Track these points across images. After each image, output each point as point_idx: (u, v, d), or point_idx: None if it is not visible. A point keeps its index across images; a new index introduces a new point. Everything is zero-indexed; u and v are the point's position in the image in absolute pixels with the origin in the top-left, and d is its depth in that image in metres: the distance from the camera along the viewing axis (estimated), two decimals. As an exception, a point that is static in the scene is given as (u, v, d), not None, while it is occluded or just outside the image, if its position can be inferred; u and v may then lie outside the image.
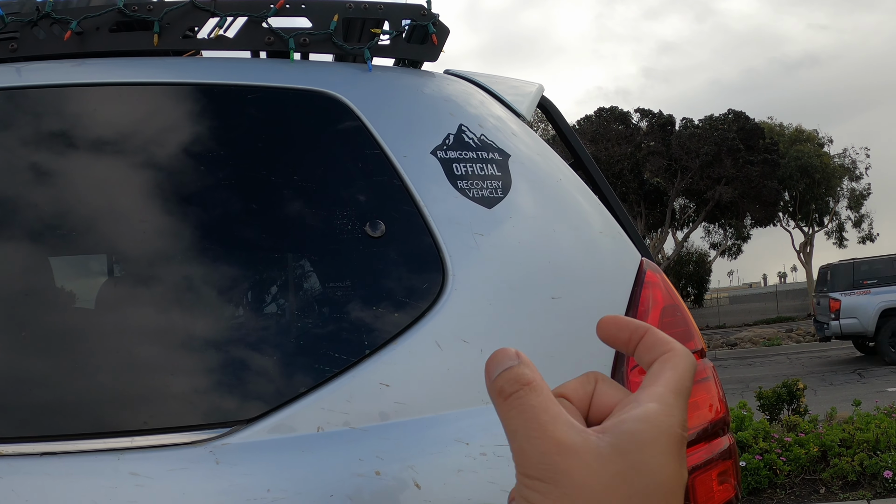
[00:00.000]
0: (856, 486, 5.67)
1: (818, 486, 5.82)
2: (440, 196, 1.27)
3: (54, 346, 1.18)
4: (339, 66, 1.48)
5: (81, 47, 1.37)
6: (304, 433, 1.10)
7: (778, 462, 5.91)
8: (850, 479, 5.71)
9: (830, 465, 5.86)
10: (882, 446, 5.87)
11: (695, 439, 1.26)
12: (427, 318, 1.19)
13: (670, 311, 1.34)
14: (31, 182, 1.25)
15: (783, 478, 5.90)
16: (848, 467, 5.72)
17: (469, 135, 1.36)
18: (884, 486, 5.55)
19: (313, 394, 1.13)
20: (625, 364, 1.25)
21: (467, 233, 1.26)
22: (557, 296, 1.27)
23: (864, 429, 6.17)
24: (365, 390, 1.14)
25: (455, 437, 1.13)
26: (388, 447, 1.10)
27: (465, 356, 1.19)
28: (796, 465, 5.93)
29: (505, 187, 1.32)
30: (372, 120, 1.32)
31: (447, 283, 1.22)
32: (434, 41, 1.48)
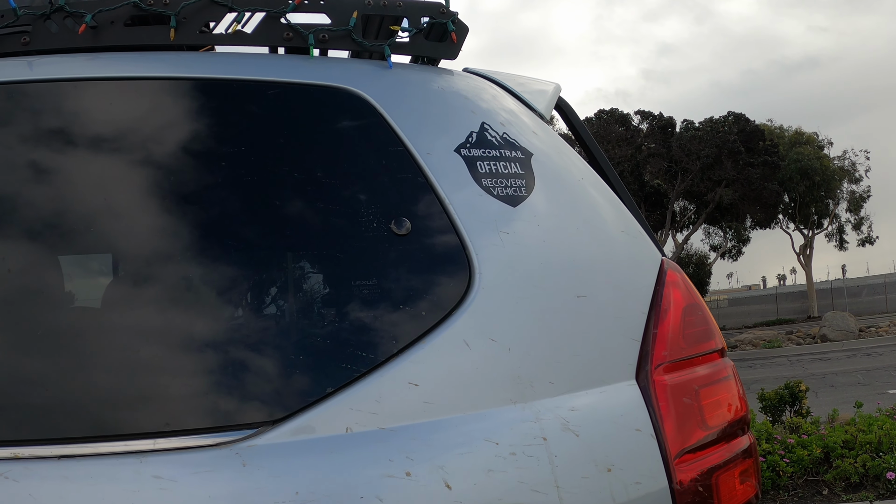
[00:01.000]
0: (859, 488, 5.66)
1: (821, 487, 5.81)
2: (465, 194, 1.27)
3: (74, 347, 1.15)
4: (360, 62, 1.47)
5: (95, 41, 1.35)
6: (332, 434, 1.09)
7: (781, 464, 5.90)
8: (853, 480, 5.69)
9: (833, 467, 5.84)
10: (885, 448, 5.86)
11: (716, 438, 1.26)
12: (455, 317, 1.18)
13: (691, 311, 1.34)
14: (41, 178, 1.22)
15: (786, 479, 5.88)
16: (851, 469, 5.70)
17: (492, 133, 1.35)
18: (887, 488, 5.54)
19: (341, 394, 1.11)
20: (649, 363, 1.26)
21: (493, 231, 1.25)
22: (582, 294, 1.27)
23: (867, 430, 6.16)
24: (393, 390, 1.12)
25: (484, 436, 1.13)
26: (417, 447, 1.09)
27: (494, 355, 1.18)
28: (799, 467, 5.91)
29: (528, 186, 1.32)
30: (394, 117, 1.31)
31: (474, 282, 1.21)
32: (454, 39, 1.47)
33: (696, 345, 1.32)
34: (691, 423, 1.25)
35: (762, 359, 18.94)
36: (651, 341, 1.28)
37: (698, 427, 1.25)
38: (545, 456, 1.13)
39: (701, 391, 1.27)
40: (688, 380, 1.27)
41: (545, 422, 1.16)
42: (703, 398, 1.27)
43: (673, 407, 1.24)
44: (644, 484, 1.18)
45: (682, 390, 1.26)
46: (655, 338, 1.28)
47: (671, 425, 1.22)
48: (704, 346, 1.33)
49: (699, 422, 1.25)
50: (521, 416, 1.16)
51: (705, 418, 1.26)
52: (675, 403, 1.24)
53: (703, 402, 1.26)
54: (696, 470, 1.22)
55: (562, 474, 1.12)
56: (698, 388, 1.27)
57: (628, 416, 1.22)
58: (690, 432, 1.24)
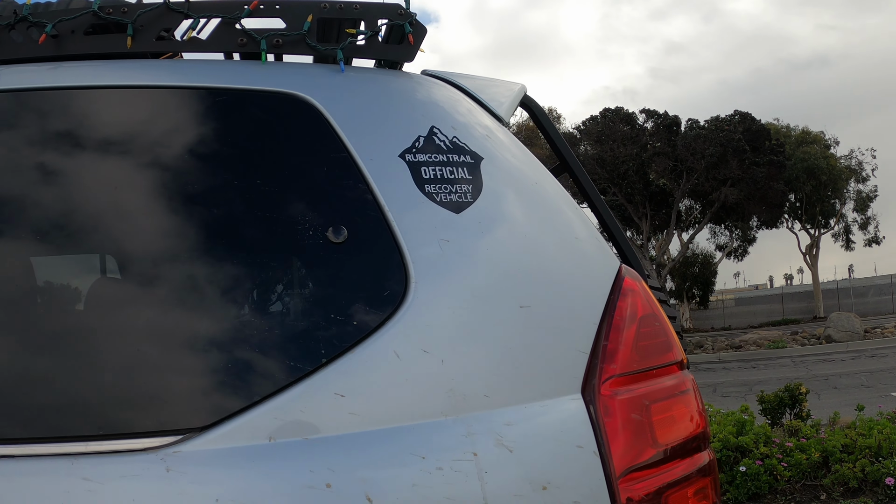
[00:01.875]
0: (857, 493, 5.60)
1: (819, 492, 5.76)
2: (406, 200, 1.24)
3: (8, 349, 1.17)
4: (312, 67, 1.45)
5: (57, 50, 1.36)
6: (256, 443, 1.09)
7: (779, 467, 5.85)
8: (852, 485, 5.64)
9: (832, 471, 5.79)
10: (885, 452, 5.79)
11: (668, 456, 1.21)
12: (386, 327, 1.16)
13: (648, 321, 1.29)
14: (3, 183, 1.24)
15: (784, 483, 5.83)
16: (849, 473, 5.64)
17: (440, 137, 1.32)
18: (886, 493, 5.47)
19: (267, 403, 1.11)
20: (597, 376, 1.21)
21: (432, 239, 1.22)
22: (526, 304, 1.22)
23: (867, 434, 6.09)
24: (319, 400, 1.12)
25: (411, 450, 1.11)
26: (340, 459, 1.09)
27: (425, 366, 1.15)
28: (797, 471, 5.85)
29: (475, 191, 1.28)
30: (340, 122, 1.29)
31: (409, 291, 1.19)
32: (410, 41, 1.44)
33: (652, 357, 1.27)
34: (640, 440, 1.19)
35: (766, 359, 18.86)
36: (601, 353, 1.23)
37: (648, 444, 1.20)
38: (474, 472, 1.09)
39: (652, 406, 1.22)
40: (639, 394, 1.22)
41: (477, 436, 1.13)
42: (655, 414, 1.21)
43: (620, 423, 1.19)
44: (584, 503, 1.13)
45: (632, 405, 1.20)
46: (605, 350, 1.23)
47: (617, 442, 1.17)
48: (661, 359, 1.28)
49: (649, 438, 1.20)
50: (451, 430, 1.13)
51: (656, 435, 1.21)
52: (623, 419, 1.19)
53: (654, 418, 1.21)
54: (645, 489, 1.17)
55: (492, 491, 1.09)
56: (649, 404, 1.22)
57: (570, 432, 1.17)
58: (639, 450, 1.19)
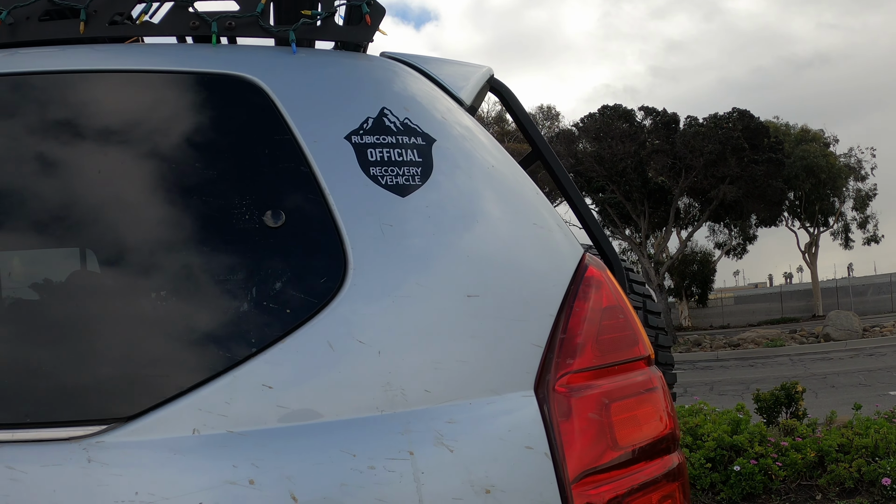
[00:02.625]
0: (853, 494, 5.54)
1: (815, 492, 5.70)
2: (349, 184, 1.19)
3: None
4: (264, 49, 1.43)
5: (13, 37, 1.35)
6: (179, 435, 1.06)
7: (774, 467, 5.79)
8: (848, 485, 5.58)
9: (827, 471, 5.73)
10: (881, 452, 5.73)
11: (630, 459, 1.13)
12: (320, 316, 1.11)
13: (611, 313, 1.20)
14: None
15: (779, 483, 5.77)
16: (845, 474, 5.59)
17: (391, 118, 1.27)
18: (882, 494, 5.41)
19: (192, 394, 1.08)
20: (551, 372, 1.12)
21: (374, 223, 1.17)
22: (475, 293, 1.15)
23: (863, 434, 6.03)
24: (246, 392, 1.08)
25: (341, 446, 1.06)
26: (265, 455, 1.05)
27: (360, 359, 1.10)
28: (792, 471, 5.79)
29: (424, 174, 1.23)
30: (287, 104, 1.27)
31: (347, 278, 1.13)
32: (368, 21, 1.41)
33: (614, 352, 1.18)
34: (599, 442, 1.11)
35: (764, 358, 18.82)
36: (557, 347, 1.15)
37: (608, 446, 1.12)
38: (410, 472, 1.04)
39: (612, 405, 1.13)
40: (599, 392, 1.14)
41: (414, 434, 1.07)
42: (616, 413, 1.13)
43: (576, 423, 1.11)
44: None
45: (589, 404, 1.12)
46: (562, 343, 1.15)
47: (573, 443, 1.09)
48: (625, 354, 1.20)
49: (609, 440, 1.12)
50: (386, 427, 1.07)
51: (616, 436, 1.12)
52: (580, 419, 1.11)
53: (614, 418, 1.13)
54: (603, 495, 1.08)
55: (429, 494, 1.03)
56: (609, 402, 1.13)
57: (518, 432, 1.10)
58: (596, 452, 1.11)
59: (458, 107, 1.39)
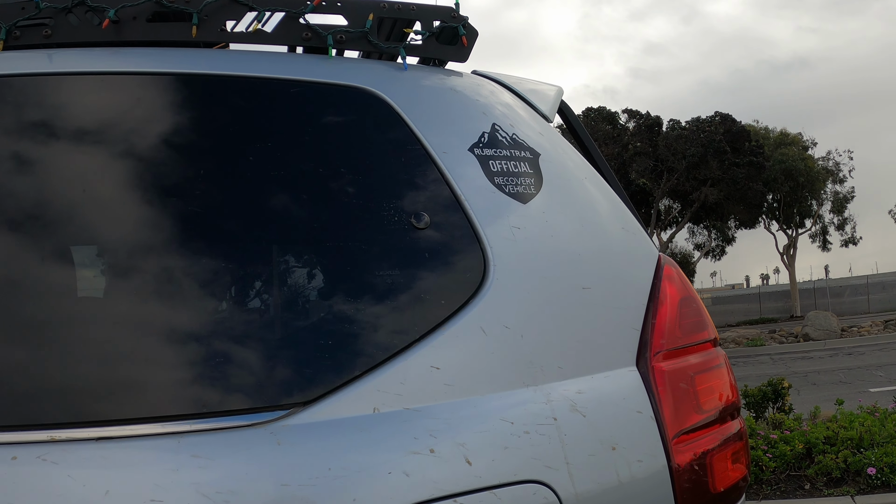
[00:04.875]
0: (840, 483, 5.73)
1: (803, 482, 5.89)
2: (479, 190, 1.35)
3: (109, 332, 1.17)
4: (376, 63, 1.52)
5: (117, 36, 1.37)
6: (360, 414, 1.16)
7: (764, 458, 5.97)
8: (835, 475, 5.77)
9: (815, 462, 5.92)
10: (866, 444, 5.94)
11: (710, 422, 1.35)
12: (472, 305, 1.27)
13: (686, 303, 1.43)
14: (58, 170, 1.23)
15: (769, 474, 5.96)
16: (832, 464, 5.77)
17: (502, 134, 1.43)
18: (867, 483, 5.63)
19: (368, 377, 1.19)
20: (648, 350, 1.34)
21: (505, 226, 1.34)
22: (587, 286, 1.35)
23: (848, 427, 6.23)
24: (417, 373, 1.20)
25: (501, 416, 1.21)
26: (440, 426, 1.17)
27: (508, 341, 1.26)
28: (782, 462, 5.98)
29: (537, 184, 1.41)
30: (411, 116, 1.38)
31: (489, 273, 1.30)
32: (464, 43, 1.53)
33: (691, 334, 1.41)
34: (687, 407, 1.33)
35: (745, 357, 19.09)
36: (650, 330, 1.36)
37: (694, 411, 1.34)
38: (556, 435, 1.21)
39: (696, 377, 1.36)
40: (684, 367, 1.36)
41: (555, 403, 1.24)
42: (698, 384, 1.36)
43: (671, 391, 1.33)
44: (645, 462, 1.26)
45: (679, 376, 1.34)
46: (654, 327, 1.37)
47: (669, 408, 1.31)
48: (699, 336, 1.42)
49: (695, 405, 1.34)
50: (533, 398, 1.24)
51: (700, 402, 1.35)
52: (673, 388, 1.33)
53: (697, 388, 1.35)
54: (692, 451, 1.31)
55: (571, 452, 1.20)
56: (693, 375, 1.36)
57: (630, 400, 1.30)
58: (687, 415, 1.33)
59: (547, 123, 1.57)
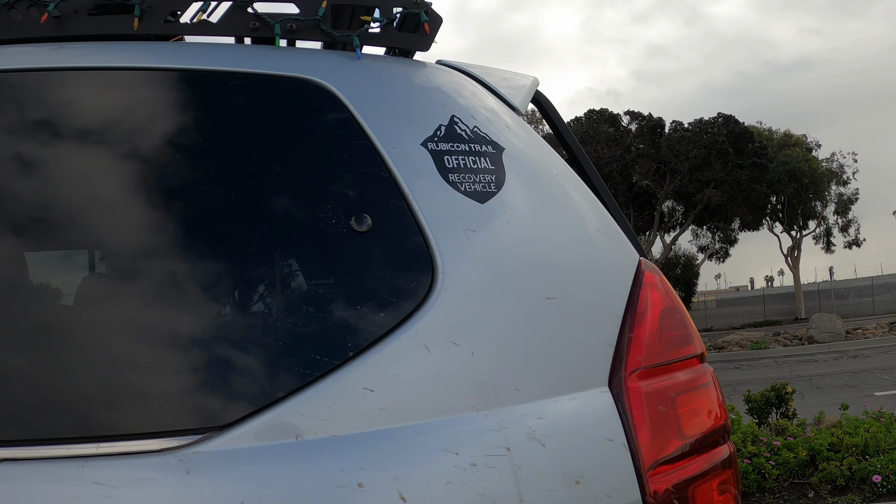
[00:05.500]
0: (845, 491, 5.64)
1: (807, 490, 5.79)
2: (430, 189, 1.22)
3: (14, 345, 1.10)
4: (327, 53, 1.43)
5: (59, 31, 1.31)
6: (281, 441, 1.04)
7: (766, 466, 5.88)
8: (839, 483, 5.68)
9: (819, 470, 5.83)
10: (871, 450, 5.85)
11: (693, 448, 1.21)
12: (414, 319, 1.13)
13: (669, 314, 1.28)
14: (4, 170, 1.17)
15: (772, 482, 5.86)
16: (837, 471, 5.69)
17: (462, 126, 1.30)
18: (873, 491, 5.52)
19: (292, 399, 1.06)
20: (623, 368, 1.20)
21: (458, 228, 1.20)
22: (553, 296, 1.21)
23: (853, 433, 6.15)
24: (347, 395, 1.08)
25: (444, 446, 1.07)
26: (371, 457, 1.05)
27: (456, 359, 1.13)
28: (785, 469, 5.89)
29: (498, 182, 1.27)
30: (360, 109, 1.26)
31: (437, 282, 1.16)
32: (426, 30, 1.43)
33: (674, 350, 1.26)
34: (667, 433, 1.19)
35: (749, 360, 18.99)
36: (626, 346, 1.22)
37: (674, 436, 1.19)
38: (509, 467, 1.07)
39: (678, 399, 1.21)
40: (664, 386, 1.21)
41: (509, 431, 1.11)
42: (680, 406, 1.21)
43: (648, 415, 1.18)
44: (615, 497, 1.12)
45: (658, 398, 1.20)
46: (630, 342, 1.22)
47: (645, 435, 1.17)
48: (682, 352, 1.28)
49: (675, 431, 1.20)
50: (483, 425, 1.10)
51: (682, 427, 1.20)
52: (650, 412, 1.18)
53: (679, 411, 1.21)
54: (672, 482, 1.16)
55: (526, 487, 1.06)
56: (675, 396, 1.21)
57: (600, 425, 1.16)
58: (666, 442, 1.18)
59: (517, 116, 1.43)
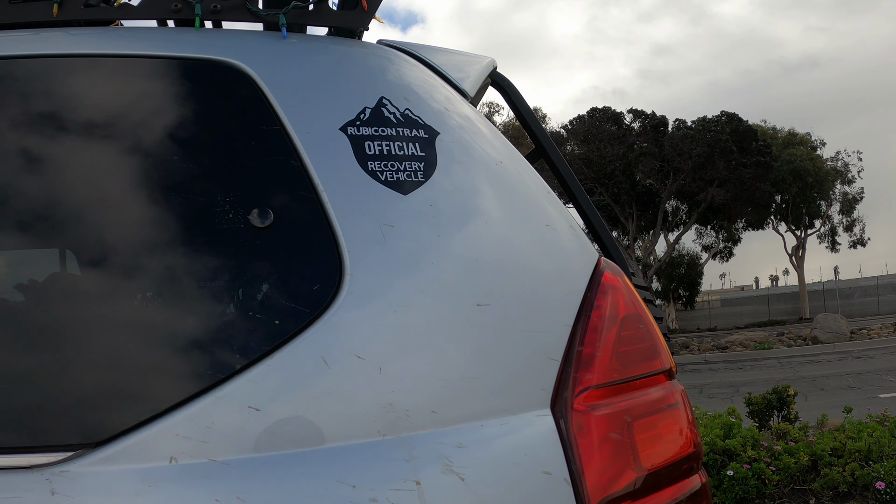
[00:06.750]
0: (847, 498, 5.51)
1: (808, 496, 5.66)
2: (345, 179, 1.08)
3: None
4: (252, 35, 1.33)
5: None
6: (154, 464, 0.94)
7: (767, 471, 5.75)
8: (842, 489, 5.54)
9: (821, 475, 5.70)
10: (874, 456, 5.70)
11: (654, 482, 1.03)
12: (313, 328, 1.00)
13: (631, 323, 1.11)
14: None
15: (772, 487, 5.72)
16: (839, 477, 5.55)
17: (390, 109, 1.17)
18: (876, 498, 5.37)
19: (168, 417, 0.95)
20: (569, 388, 1.03)
21: (373, 224, 1.06)
22: (484, 302, 1.05)
23: (856, 437, 6.01)
24: (230, 415, 0.96)
25: (339, 476, 0.94)
26: (253, 486, 0.93)
27: (359, 375, 0.99)
28: (786, 475, 5.76)
29: (427, 170, 1.12)
30: (276, 92, 1.16)
31: (343, 286, 1.02)
32: (364, 7, 1.32)
33: (635, 365, 1.09)
34: (620, 464, 1.02)
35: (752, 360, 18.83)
36: (574, 361, 1.05)
37: (630, 468, 1.02)
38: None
39: (635, 423, 1.04)
40: (619, 409, 1.04)
41: (420, 460, 0.96)
42: (638, 432, 1.04)
43: (597, 444, 1.01)
44: None
45: (611, 423, 1.03)
46: (580, 357, 1.05)
47: (593, 467, 0.99)
48: (645, 367, 1.11)
49: (631, 461, 1.02)
50: (389, 453, 0.96)
51: (639, 457, 1.03)
52: (600, 439, 1.01)
53: (637, 437, 1.03)
54: None
55: None
56: (632, 420, 1.04)
57: (535, 456, 1.00)
58: (618, 475, 1.01)
59: (462, 98, 1.29)
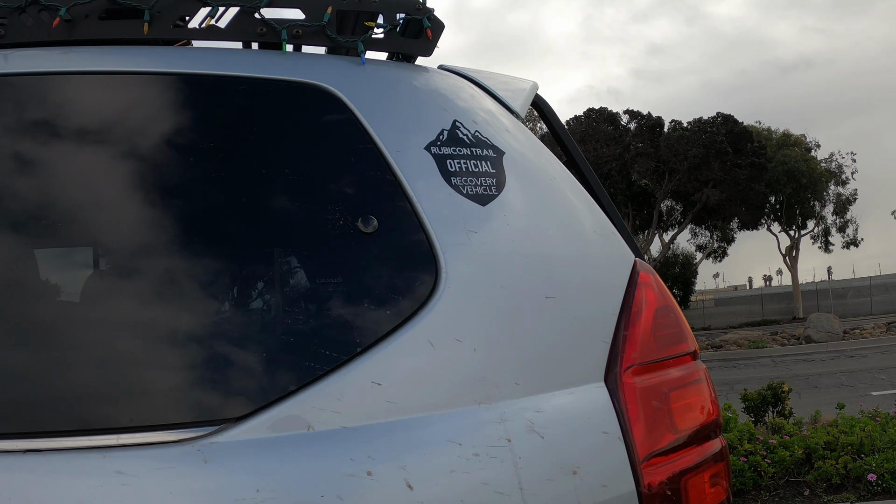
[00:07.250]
0: (840, 489, 5.68)
1: (802, 488, 5.83)
2: (434, 192, 1.26)
3: (37, 340, 1.14)
4: (333, 58, 1.46)
5: (70, 35, 1.33)
6: (294, 432, 1.09)
7: (762, 464, 5.91)
8: (835, 481, 5.71)
9: (815, 468, 5.86)
10: (866, 449, 5.88)
11: (685, 442, 1.25)
12: (420, 316, 1.18)
13: (663, 312, 1.33)
14: (14, 171, 1.20)
15: (768, 479, 5.89)
16: (832, 470, 5.72)
17: (463, 131, 1.35)
18: (868, 489, 5.56)
19: (303, 392, 1.11)
20: (618, 365, 1.24)
21: (461, 230, 1.25)
22: (551, 295, 1.26)
23: (849, 432, 6.18)
24: (356, 389, 1.12)
25: (448, 437, 1.12)
26: (379, 447, 1.09)
27: (459, 355, 1.17)
28: (781, 468, 5.92)
29: (499, 185, 1.31)
30: (364, 114, 1.30)
31: (440, 281, 1.21)
32: (429, 36, 1.46)
33: (668, 347, 1.31)
34: (660, 426, 1.24)
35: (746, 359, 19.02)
36: (621, 343, 1.27)
37: (668, 430, 1.24)
38: (509, 458, 1.12)
39: (671, 394, 1.26)
40: (657, 382, 1.26)
41: (510, 423, 1.15)
42: (673, 401, 1.26)
43: (642, 410, 1.23)
44: (610, 487, 1.17)
45: (652, 393, 1.25)
46: (625, 340, 1.27)
47: (639, 428, 1.21)
48: (676, 349, 1.32)
49: (668, 425, 1.24)
50: (485, 418, 1.15)
51: (675, 421, 1.25)
52: (644, 406, 1.23)
53: (672, 406, 1.25)
54: (665, 473, 1.21)
55: (526, 476, 1.11)
56: (668, 392, 1.26)
57: (596, 419, 1.21)
58: (659, 435, 1.23)
59: (517, 120, 1.47)
